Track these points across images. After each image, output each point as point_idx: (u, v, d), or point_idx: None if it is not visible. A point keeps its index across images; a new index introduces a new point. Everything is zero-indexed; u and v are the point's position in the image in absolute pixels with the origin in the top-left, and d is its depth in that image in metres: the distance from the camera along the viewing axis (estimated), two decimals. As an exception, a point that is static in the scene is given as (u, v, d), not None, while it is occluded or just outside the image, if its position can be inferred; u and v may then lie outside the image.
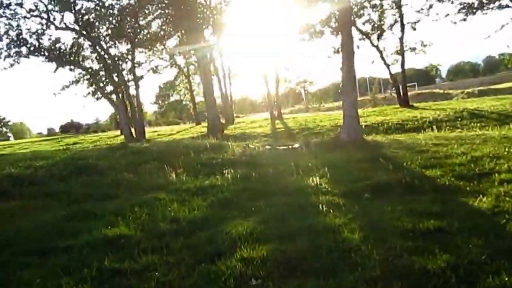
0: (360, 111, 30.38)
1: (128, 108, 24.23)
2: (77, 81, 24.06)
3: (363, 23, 28.58)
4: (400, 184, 6.26)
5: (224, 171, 7.82)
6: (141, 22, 25.98)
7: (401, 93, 28.67)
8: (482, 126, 16.12)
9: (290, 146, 11.87)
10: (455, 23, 25.13)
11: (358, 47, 29.07)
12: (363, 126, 16.42)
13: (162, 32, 27.88)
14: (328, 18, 20.08)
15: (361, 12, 28.17)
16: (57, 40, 21.83)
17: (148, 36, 26.23)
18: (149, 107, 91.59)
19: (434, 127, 15.43)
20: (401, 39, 28.09)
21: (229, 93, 34.66)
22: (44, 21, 21.21)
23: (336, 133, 12.29)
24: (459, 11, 25.22)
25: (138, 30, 24.19)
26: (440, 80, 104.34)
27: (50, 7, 21.08)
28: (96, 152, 10.47)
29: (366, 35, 28.22)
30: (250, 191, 6.51)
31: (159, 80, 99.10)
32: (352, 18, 28.51)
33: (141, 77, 25.93)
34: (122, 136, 29.50)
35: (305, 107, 58.07)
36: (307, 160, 9.12)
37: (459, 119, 17.93)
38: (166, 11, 21.85)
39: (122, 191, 6.77)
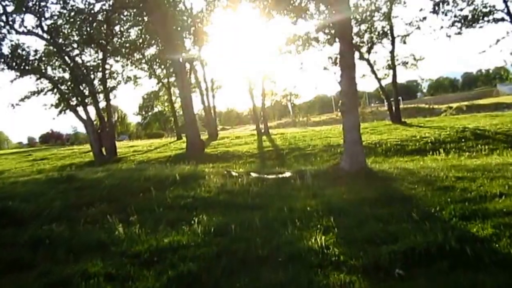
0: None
1: (103, 122, 21.96)
2: (39, 92, 21.69)
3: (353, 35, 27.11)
4: (444, 252, 4.34)
5: (194, 219, 5.82)
6: (117, 29, 24.05)
7: (393, 109, 27.12)
8: (491, 149, 14.46)
9: (281, 176, 9.93)
10: (449, 36, 23.75)
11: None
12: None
13: (140, 40, 25.96)
14: (323, 25, 18.38)
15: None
16: (17, 46, 19.59)
17: (124, 44, 24.24)
18: (133, 118, 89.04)
19: (441, 150, 13.72)
20: (392, 52, 26.68)
21: (213, 106, 32.67)
22: (1, 24, 18.96)
23: (334, 162, 10.36)
24: (453, 24, 23.90)
25: (111, 37, 22.13)
26: (422, 94, 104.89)
27: (9, 9, 18.86)
28: (29, 187, 8.28)
29: (356, 48, 26.69)
30: (227, 258, 4.50)
31: (143, 90, 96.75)
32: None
33: (113, 88, 23.73)
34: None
35: (292, 120, 56.45)
36: (303, 198, 7.16)
37: (463, 140, 16.26)
38: (140, 18, 19.93)
39: (41, 256, 4.67)
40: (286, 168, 11.82)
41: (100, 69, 22.07)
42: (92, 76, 22.25)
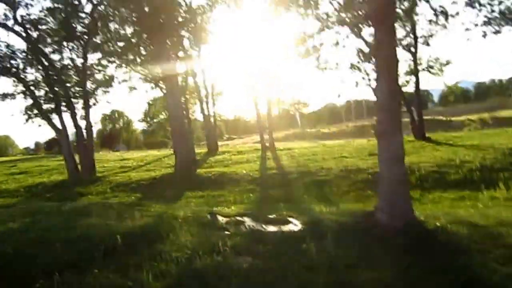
0: (364, 142, 25.57)
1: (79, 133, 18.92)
2: (8, 95, 18.69)
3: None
4: None
5: None
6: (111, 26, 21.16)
7: (416, 123, 23.81)
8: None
9: (286, 228, 6.79)
10: (484, 35, 20.34)
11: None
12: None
13: (134, 39, 22.93)
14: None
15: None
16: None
17: (112, 41, 21.30)
18: (139, 125, 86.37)
19: (496, 182, 10.45)
20: (414, 55, 23.44)
21: (213, 115, 29.55)
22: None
23: (365, 210, 7.12)
24: (489, 22, 20.58)
25: (95, 33, 19.24)
26: (433, 105, 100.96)
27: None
28: None
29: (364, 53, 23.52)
30: None
31: (149, 95, 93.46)
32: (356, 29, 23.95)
33: (93, 92, 20.65)
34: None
35: (300, 132, 53.29)
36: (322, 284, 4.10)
37: (517, 165, 12.97)
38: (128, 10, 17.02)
39: None
40: (294, 209, 8.68)
41: (79, 69, 19.14)
42: (69, 78, 19.34)
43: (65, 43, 19.25)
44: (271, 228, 6.96)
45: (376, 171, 12.55)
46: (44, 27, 18.71)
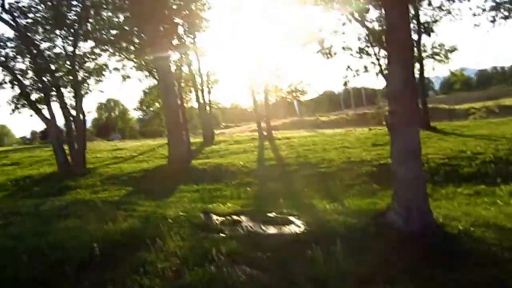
0: (365, 131, 24.80)
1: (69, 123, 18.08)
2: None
3: (370, 21, 22.90)
4: None
5: None
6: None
7: (421, 112, 22.99)
8: None
9: (288, 230, 6.08)
10: (493, 21, 19.51)
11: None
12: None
13: (127, 27, 21.98)
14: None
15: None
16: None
17: (103, 29, 20.40)
18: (135, 113, 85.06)
19: None
20: (418, 42, 22.56)
21: (208, 104, 28.68)
22: None
23: (375, 211, 6.36)
24: (497, 7, 19.73)
25: (86, 20, 18.32)
26: (434, 93, 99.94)
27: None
28: None
29: (376, 36, 22.60)
30: None
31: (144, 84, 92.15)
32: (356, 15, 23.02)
33: (84, 81, 19.73)
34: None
35: (299, 120, 52.43)
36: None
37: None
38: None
39: None
40: (294, 206, 7.97)
41: (69, 58, 18.25)
42: (58, 66, 18.46)
43: (55, 31, 18.32)
44: (271, 230, 6.27)
45: (381, 163, 11.88)
46: (33, 15, 17.76)
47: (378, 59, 21.55)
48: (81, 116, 18.30)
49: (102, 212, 6.64)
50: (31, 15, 18.42)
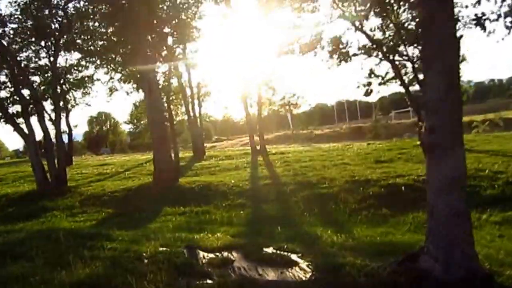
0: (364, 146, 23.74)
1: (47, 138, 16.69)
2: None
3: (372, 30, 21.94)
4: None
5: None
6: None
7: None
8: None
9: (292, 275, 4.88)
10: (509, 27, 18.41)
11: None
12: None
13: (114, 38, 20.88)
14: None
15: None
16: None
17: (87, 39, 19.27)
18: (126, 127, 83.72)
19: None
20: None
21: (199, 116, 27.44)
22: None
23: (406, 255, 5.10)
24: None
25: (68, 27, 17.17)
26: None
27: None
28: None
29: (378, 44, 21.65)
30: None
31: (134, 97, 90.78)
32: (358, 22, 22.16)
33: (64, 93, 18.46)
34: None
35: (292, 133, 51.36)
36: None
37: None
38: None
39: None
40: (295, 236, 6.77)
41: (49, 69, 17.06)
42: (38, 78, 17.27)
43: (35, 41, 17.17)
44: (270, 274, 5.05)
45: (389, 183, 10.74)
46: (12, 25, 16.64)
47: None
48: (63, 131, 17.03)
49: (61, 251, 5.38)
50: (11, 25, 17.28)
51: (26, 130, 16.02)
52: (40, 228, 8.27)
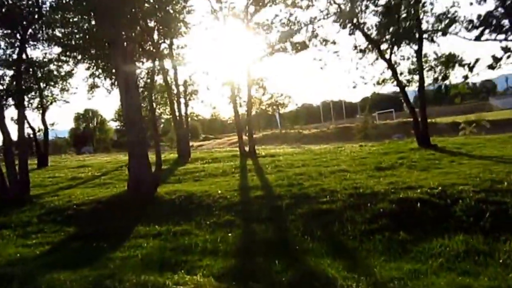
0: (356, 148, 22.33)
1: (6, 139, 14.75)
2: None
3: (368, 28, 20.60)
4: None
5: None
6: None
7: (420, 126, 20.64)
8: None
9: None
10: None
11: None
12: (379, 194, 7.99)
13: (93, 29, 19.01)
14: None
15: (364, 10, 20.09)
16: None
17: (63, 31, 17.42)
18: (114, 124, 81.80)
19: None
20: (418, 52, 20.31)
21: (185, 116, 25.63)
22: None
23: None
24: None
25: (37, 19, 15.30)
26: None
27: None
28: None
29: (375, 44, 20.28)
30: None
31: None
32: (355, 20, 20.92)
33: (28, 90, 16.52)
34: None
35: (280, 133, 49.95)
36: None
37: None
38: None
39: None
40: (296, 277, 5.19)
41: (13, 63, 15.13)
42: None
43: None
44: None
45: (401, 197, 9.15)
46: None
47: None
48: (26, 131, 15.16)
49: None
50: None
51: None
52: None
